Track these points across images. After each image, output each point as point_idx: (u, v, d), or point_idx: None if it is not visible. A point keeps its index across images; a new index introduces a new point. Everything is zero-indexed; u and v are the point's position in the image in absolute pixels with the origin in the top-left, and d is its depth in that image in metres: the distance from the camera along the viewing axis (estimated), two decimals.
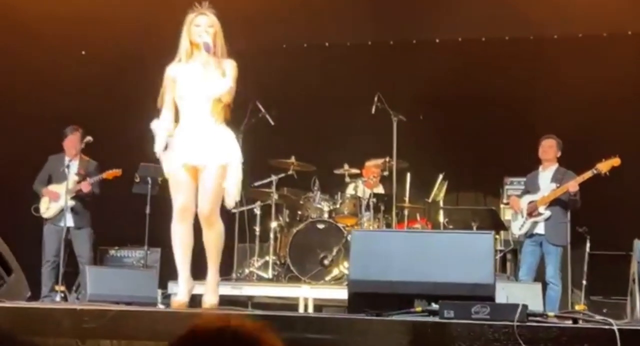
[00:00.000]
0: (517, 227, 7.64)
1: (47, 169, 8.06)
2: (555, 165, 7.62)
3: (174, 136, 4.90)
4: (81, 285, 7.38)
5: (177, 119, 4.94)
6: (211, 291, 4.91)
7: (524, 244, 7.66)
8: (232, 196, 4.89)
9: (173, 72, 4.92)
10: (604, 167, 7.18)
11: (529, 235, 7.52)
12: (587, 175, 7.26)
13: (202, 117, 4.83)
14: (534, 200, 7.51)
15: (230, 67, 4.86)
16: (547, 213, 7.43)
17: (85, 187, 7.76)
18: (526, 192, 7.76)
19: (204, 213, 4.81)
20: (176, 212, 4.86)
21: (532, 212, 7.49)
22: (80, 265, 7.75)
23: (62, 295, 7.48)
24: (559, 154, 7.62)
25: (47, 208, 7.88)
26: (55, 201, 7.83)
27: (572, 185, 7.27)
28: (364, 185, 8.35)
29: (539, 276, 7.41)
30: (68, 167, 7.67)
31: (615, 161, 7.20)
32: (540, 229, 7.46)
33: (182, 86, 4.88)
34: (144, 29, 8.68)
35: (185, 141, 4.85)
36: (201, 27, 4.87)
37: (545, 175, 7.62)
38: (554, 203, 7.43)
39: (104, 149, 8.04)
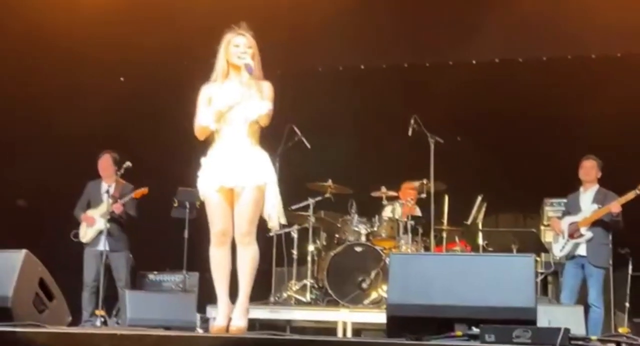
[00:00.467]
0: (559, 248, 7.55)
1: (86, 195, 8.15)
2: (596, 186, 7.52)
3: (208, 158, 4.91)
4: (121, 309, 7.42)
5: (211, 140, 4.93)
6: (239, 315, 4.79)
7: (565, 266, 7.57)
8: (275, 219, 4.85)
9: (209, 91, 4.90)
10: None
11: (571, 256, 7.42)
12: (630, 195, 7.16)
13: (238, 138, 4.81)
14: (575, 221, 7.42)
15: (267, 89, 4.85)
16: (589, 234, 7.33)
17: (117, 208, 7.82)
18: (567, 213, 7.67)
19: (240, 236, 4.78)
20: (214, 237, 4.84)
21: (573, 233, 7.39)
22: (119, 289, 7.81)
23: (102, 319, 7.53)
24: (599, 175, 7.54)
25: (85, 232, 7.97)
26: (91, 226, 7.91)
27: (615, 206, 7.17)
28: (401, 207, 8.30)
29: (581, 298, 7.30)
30: (108, 192, 7.77)
31: None
32: (582, 251, 7.36)
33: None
34: (179, 53, 8.79)
35: (221, 163, 4.82)
36: (240, 47, 4.85)
37: (587, 196, 7.53)
38: (596, 224, 7.34)
39: (143, 174, 8.10)
